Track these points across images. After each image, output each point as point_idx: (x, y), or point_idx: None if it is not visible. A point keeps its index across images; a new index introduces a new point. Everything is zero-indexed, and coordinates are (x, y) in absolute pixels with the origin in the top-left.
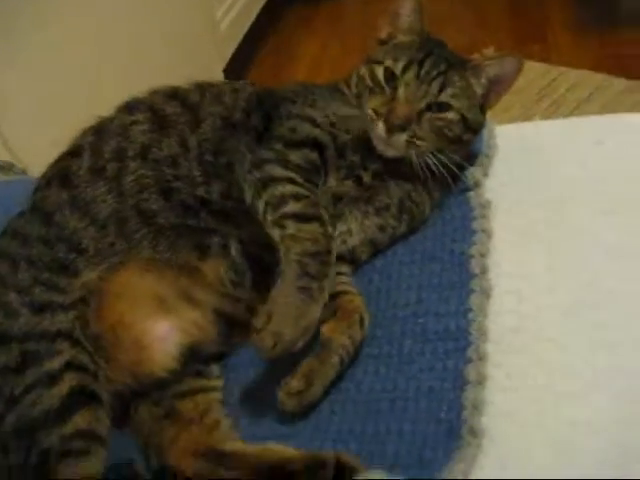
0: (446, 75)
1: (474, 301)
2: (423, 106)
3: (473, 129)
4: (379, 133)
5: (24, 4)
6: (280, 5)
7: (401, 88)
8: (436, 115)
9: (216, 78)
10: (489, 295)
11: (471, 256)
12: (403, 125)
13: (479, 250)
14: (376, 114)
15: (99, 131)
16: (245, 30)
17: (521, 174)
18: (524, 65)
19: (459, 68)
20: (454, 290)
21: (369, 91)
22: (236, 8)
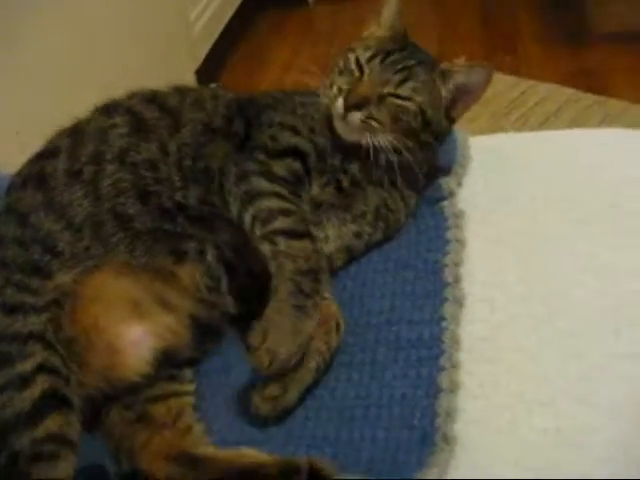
0: (412, 69)
1: (447, 310)
2: (385, 92)
3: (433, 130)
4: (337, 110)
5: None
6: (252, 9)
7: (366, 72)
8: (395, 101)
9: (188, 80)
10: (462, 304)
11: (445, 265)
12: (360, 103)
13: (453, 259)
14: (339, 91)
15: (76, 133)
16: (218, 32)
17: (494, 184)
18: (493, 76)
19: (427, 67)
20: (428, 298)
21: (338, 73)
22: (210, 10)
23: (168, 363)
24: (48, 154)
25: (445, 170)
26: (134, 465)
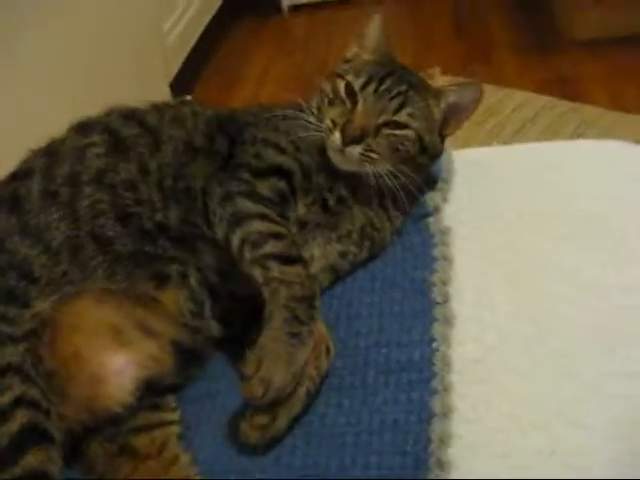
0: (406, 95)
1: (437, 330)
2: (380, 122)
3: (429, 153)
4: (335, 143)
5: None
6: (226, 20)
7: (360, 102)
8: (392, 131)
9: (163, 92)
10: (452, 324)
11: (433, 284)
12: (359, 137)
13: (441, 278)
14: (333, 124)
15: (50, 153)
16: (192, 43)
17: (479, 199)
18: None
19: (420, 90)
20: (416, 319)
21: (328, 102)
22: (183, 21)
23: (151, 391)
24: (22, 175)
25: (430, 185)
26: None
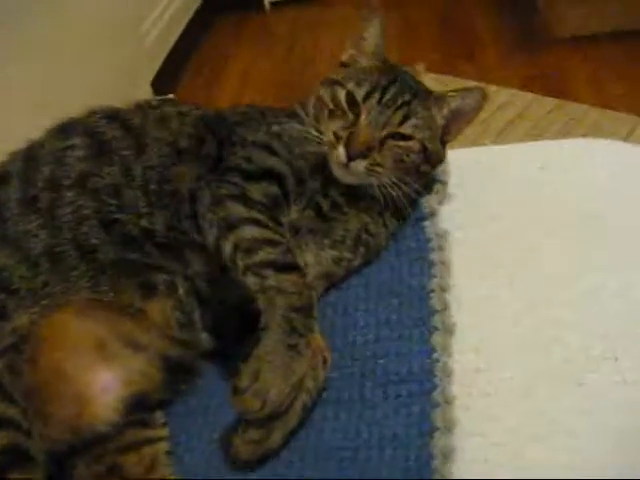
0: (410, 105)
1: (437, 340)
2: (385, 134)
3: (432, 161)
4: (339, 158)
5: None
6: (207, 17)
7: (363, 114)
8: (397, 143)
9: (144, 91)
10: (452, 333)
11: (431, 290)
12: (364, 152)
13: (439, 284)
14: (336, 138)
15: (29, 157)
16: (173, 42)
17: (475, 201)
18: (453, 83)
19: (423, 98)
20: (415, 328)
21: (329, 113)
22: (163, 20)
23: (138, 408)
24: None
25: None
26: None
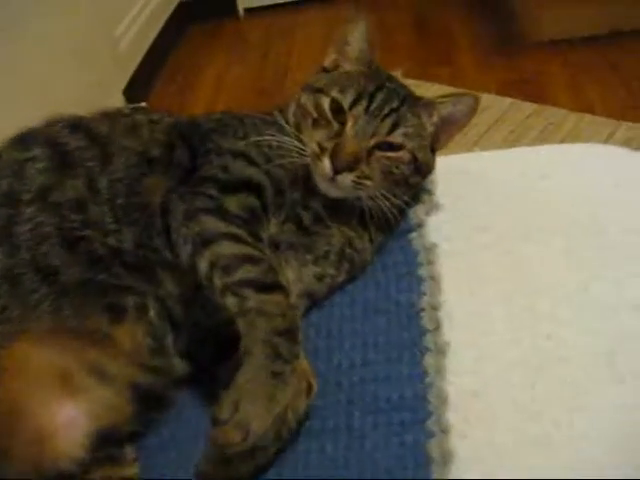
0: (398, 112)
1: (429, 362)
2: (373, 144)
3: (422, 172)
4: (325, 171)
5: None
6: (180, 23)
7: (350, 123)
8: (386, 154)
9: (116, 100)
10: (445, 354)
11: (421, 309)
12: (351, 164)
13: (429, 302)
14: (321, 149)
15: None
16: (145, 50)
17: (463, 210)
18: (430, 88)
19: (411, 105)
20: (405, 349)
21: (312, 122)
22: (136, 26)
23: (106, 443)
24: None
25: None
26: None
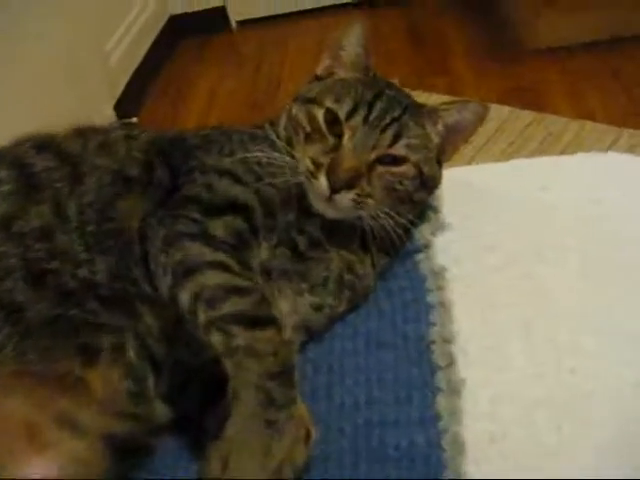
0: (401, 122)
1: (443, 404)
2: (373, 158)
3: (428, 187)
4: (321, 190)
5: None
6: (172, 37)
7: (347, 136)
8: (388, 169)
9: (106, 115)
10: (460, 394)
11: (432, 342)
12: (350, 182)
13: (441, 333)
14: (316, 166)
15: None
16: (137, 64)
17: (471, 228)
18: (428, 98)
19: (414, 113)
20: (415, 389)
21: (305, 137)
22: (126, 40)
23: None
24: None
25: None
26: None
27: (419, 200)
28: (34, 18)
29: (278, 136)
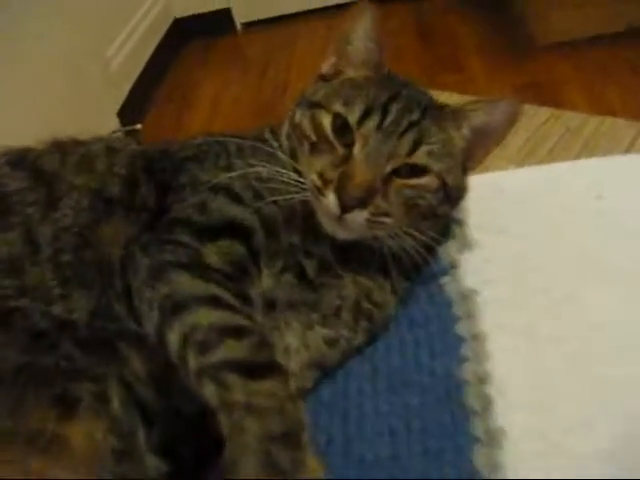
0: (420, 126)
1: (480, 457)
2: (390, 170)
3: (453, 199)
4: (330, 209)
5: None
6: (176, 41)
7: (359, 145)
8: (407, 182)
9: (110, 122)
10: (501, 445)
11: (464, 381)
12: (364, 199)
13: (475, 371)
14: (323, 181)
15: None
16: (140, 69)
17: (504, 244)
18: (440, 97)
19: (435, 116)
20: (447, 438)
21: (311, 147)
22: (128, 46)
23: None
24: None
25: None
26: None
27: (443, 214)
28: (33, 25)
29: (280, 146)
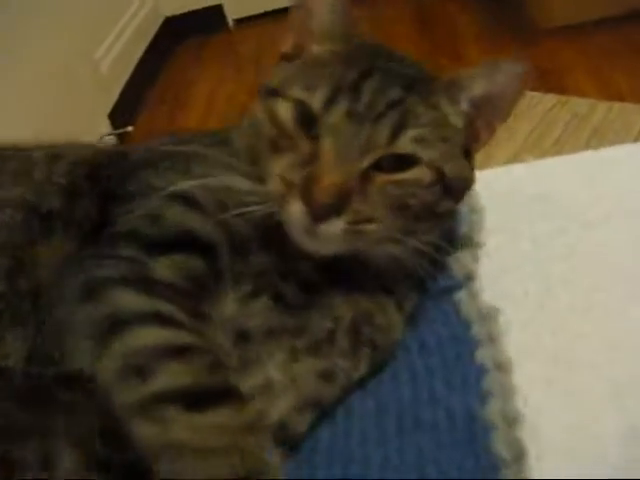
0: (403, 106)
1: None
2: (367, 165)
3: (455, 192)
4: (297, 219)
5: None
6: (168, 40)
7: (325, 137)
8: (391, 177)
9: (101, 124)
10: None
11: (489, 422)
12: (336, 205)
13: (501, 410)
14: (287, 186)
15: None
16: (131, 70)
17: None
18: None
19: (424, 90)
20: None
21: (271, 145)
22: (117, 46)
23: None
24: None
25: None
26: None
27: (445, 212)
28: (20, 22)
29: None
